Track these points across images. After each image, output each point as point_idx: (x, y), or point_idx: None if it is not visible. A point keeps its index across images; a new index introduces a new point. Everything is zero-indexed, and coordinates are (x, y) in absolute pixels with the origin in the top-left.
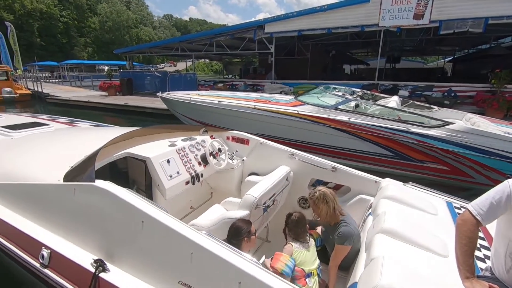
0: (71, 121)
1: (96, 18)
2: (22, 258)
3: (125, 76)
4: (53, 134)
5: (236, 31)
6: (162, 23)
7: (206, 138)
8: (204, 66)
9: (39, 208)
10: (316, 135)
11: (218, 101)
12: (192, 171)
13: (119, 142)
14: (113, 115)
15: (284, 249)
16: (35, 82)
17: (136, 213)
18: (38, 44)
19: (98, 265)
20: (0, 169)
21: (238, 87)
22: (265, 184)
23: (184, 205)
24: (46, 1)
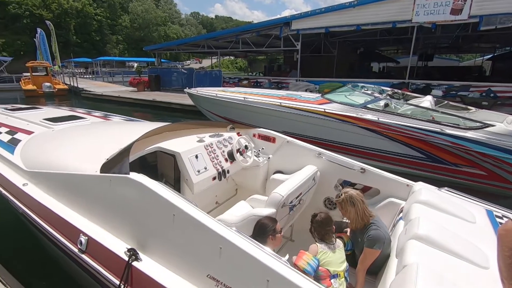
0: (105, 115)
1: (127, 16)
2: (62, 243)
3: (153, 72)
4: (90, 127)
5: (262, 28)
6: (189, 21)
7: (233, 135)
8: (228, 63)
9: (77, 196)
10: (343, 134)
11: (244, 97)
12: (219, 167)
13: (150, 136)
14: (141, 110)
15: (309, 249)
16: (71, 77)
17: (167, 206)
18: (74, 42)
19: (131, 254)
20: (43, 158)
21: (262, 84)
22: (292, 183)
23: (209, 200)
24: (82, 0)
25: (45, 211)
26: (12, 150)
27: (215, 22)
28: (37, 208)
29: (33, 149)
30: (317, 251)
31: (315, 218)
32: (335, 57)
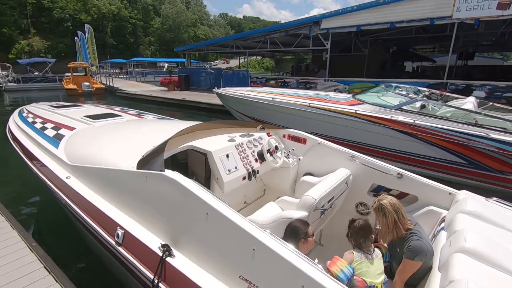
0: (139, 113)
1: (158, 19)
2: (100, 235)
3: (183, 72)
4: (126, 125)
5: (290, 27)
6: (218, 22)
7: (263, 135)
8: (255, 63)
9: (115, 190)
10: (375, 137)
11: (272, 98)
12: (249, 167)
13: (183, 135)
14: (171, 109)
15: (344, 255)
16: (107, 77)
17: (201, 204)
18: (110, 44)
19: (165, 249)
20: (84, 153)
21: (290, 84)
22: (324, 186)
23: (238, 199)
24: (117, 4)
25: (85, 203)
26: (56, 145)
27: (243, 22)
28: (78, 200)
29: (75, 144)
30: (353, 259)
31: (352, 224)
32: (365, 56)
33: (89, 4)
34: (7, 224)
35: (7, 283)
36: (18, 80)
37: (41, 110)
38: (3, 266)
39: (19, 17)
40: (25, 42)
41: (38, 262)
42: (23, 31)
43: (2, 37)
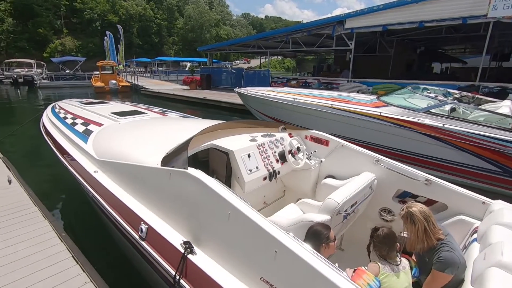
0: (162, 111)
1: (182, 19)
2: (125, 229)
3: (205, 72)
4: (150, 122)
5: (314, 27)
6: (240, 22)
7: (284, 136)
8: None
9: (140, 186)
10: (401, 141)
11: (294, 98)
12: (270, 168)
13: (205, 133)
14: (193, 108)
15: (369, 267)
16: (133, 76)
17: (223, 203)
18: (136, 43)
19: (186, 246)
20: (111, 149)
21: (311, 85)
22: (348, 190)
23: (258, 200)
24: (144, 5)
25: (111, 197)
26: (85, 140)
27: (264, 22)
28: (104, 194)
29: (103, 140)
30: (379, 272)
31: (376, 233)
32: (391, 57)
33: (117, 6)
34: (40, 214)
35: (38, 270)
36: (51, 78)
37: (71, 106)
38: (35, 254)
39: (53, 18)
40: (58, 42)
41: (67, 251)
42: (57, 31)
43: (38, 37)
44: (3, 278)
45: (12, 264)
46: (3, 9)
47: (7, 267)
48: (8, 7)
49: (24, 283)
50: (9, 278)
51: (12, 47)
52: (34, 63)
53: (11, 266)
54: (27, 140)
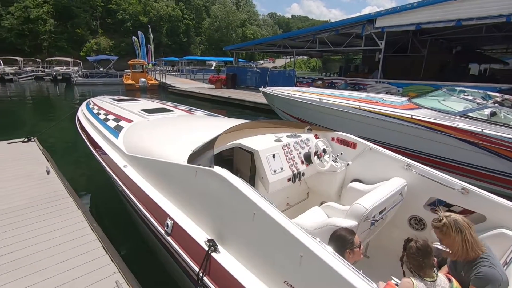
0: (189, 109)
1: (209, 19)
2: (152, 223)
3: (231, 71)
4: (177, 119)
5: (342, 26)
6: (266, 21)
7: (310, 137)
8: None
9: (167, 182)
10: (434, 145)
11: (319, 98)
12: (295, 169)
13: (231, 132)
14: (218, 106)
15: (402, 283)
16: (161, 74)
17: (248, 203)
18: (165, 43)
19: (210, 244)
20: (139, 144)
21: (337, 85)
22: (377, 195)
23: (281, 201)
24: (173, 6)
25: (139, 191)
26: (116, 135)
27: (291, 22)
28: (133, 188)
29: (132, 136)
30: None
31: (409, 244)
32: (424, 57)
33: (148, 7)
34: (74, 204)
35: (71, 257)
36: (86, 75)
37: (104, 103)
38: (68, 242)
39: (90, 19)
40: (94, 41)
41: (98, 241)
42: (93, 31)
43: (76, 37)
44: (39, 264)
45: (48, 251)
46: (46, 10)
47: (43, 253)
48: (50, 9)
49: (58, 269)
50: (44, 263)
51: (53, 46)
52: (71, 62)
53: (47, 252)
54: (65, 134)
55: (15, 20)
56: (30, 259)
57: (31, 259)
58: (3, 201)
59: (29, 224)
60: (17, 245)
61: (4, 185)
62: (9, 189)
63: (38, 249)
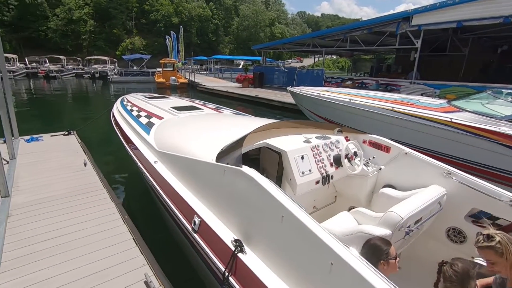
0: (217, 108)
1: (238, 18)
2: (179, 219)
3: (258, 70)
4: (206, 118)
5: (375, 24)
6: (295, 20)
7: (340, 139)
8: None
9: (195, 180)
10: (475, 152)
11: (350, 99)
12: (324, 171)
13: (259, 132)
14: (244, 105)
15: None
16: (190, 73)
17: (277, 206)
18: (195, 42)
19: (237, 245)
20: (169, 141)
21: (368, 85)
22: (413, 204)
23: (307, 203)
24: (203, 6)
25: (168, 187)
26: (148, 132)
27: (320, 20)
28: (162, 184)
29: (163, 133)
30: None
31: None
32: (464, 57)
33: (180, 8)
34: (107, 196)
35: (103, 248)
36: (121, 73)
37: (137, 100)
38: (101, 233)
39: (126, 20)
40: (129, 41)
41: (128, 233)
42: (128, 31)
43: (113, 37)
44: (72, 252)
45: (82, 239)
46: (86, 12)
47: (78, 242)
48: (90, 10)
49: (90, 258)
50: (78, 252)
51: (92, 46)
52: (108, 60)
53: (81, 241)
54: (101, 128)
55: (60, 22)
56: (65, 247)
57: (66, 247)
58: (46, 189)
59: (67, 213)
60: (55, 232)
61: (47, 174)
62: (51, 178)
63: (73, 237)
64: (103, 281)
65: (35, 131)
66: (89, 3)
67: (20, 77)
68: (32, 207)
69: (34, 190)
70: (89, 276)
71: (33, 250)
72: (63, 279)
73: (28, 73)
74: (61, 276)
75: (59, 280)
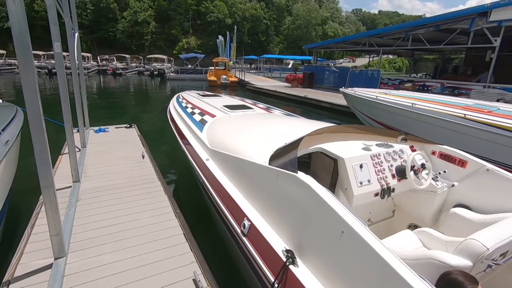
0: (267, 107)
1: (290, 18)
2: (229, 220)
3: (308, 70)
4: (257, 117)
5: (444, 21)
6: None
7: (404, 148)
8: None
9: (246, 181)
10: None
11: (412, 103)
12: (384, 183)
13: (312, 135)
14: (292, 105)
15: None
16: (241, 72)
17: (337, 220)
18: (245, 42)
19: (289, 256)
20: (221, 140)
21: (431, 88)
22: (502, 232)
23: (362, 215)
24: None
25: (219, 186)
26: (201, 129)
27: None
28: (213, 182)
29: (215, 131)
30: None
31: None
32: None
33: (234, 8)
34: (162, 189)
35: (155, 240)
36: (177, 71)
37: (191, 97)
38: (155, 224)
39: (183, 21)
40: (185, 41)
41: (179, 228)
42: (185, 32)
43: (171, 37)
44: (128, 241)
45: (136, 230)
46: (149, 14)
47: (132, 231)
48: (152, 12)
49: (142, 249)
50: (131, 241)
51: (153, 45)
52: (166, 59)
53: (135, 231)
54: (158, 123)
55: (127, 23)
56: (122, 235)
57: (122, 235)
58: (109, 177)
59: (125, 202)
60: (114, 220)
61: (111, 163)
62: (114, 167)
63: (129, 226)
64: (153, 273)
65: (102, 122)
66: (152, 6)
67: (92, 73)
68: (96, 193)
69: (99, 177)
70: (142, 267)
71: (95, 235)
72: (119, 266)
73: (99, 70)
74: (117, 263)
75: (115, 267)
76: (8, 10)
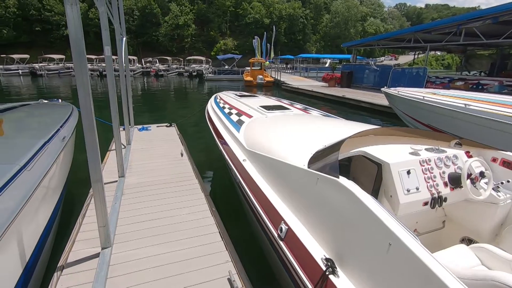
0: (304, 108)
1: (328, 16)
2: (265, 223)
3: (347, 69)
4: (295, 118)
5: (505, 12)
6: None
7: (459, 154)
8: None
9: (283, 184)
10: None
11: (465, 104)
12: (435, 192)
13: (354, 138)
14: (330, 105)
15: None
16: (276, 71)
17: (383, 231)
18: (282, 41)
19: (329, 265)
20: (258, 141)
21: (487, 87)
22: None
23: (407, 225)
24: (293, 5)
25: (256, 188)
26: (238, 129)
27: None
28: (249, 183)
29: (252, 131)
30: None
31: None
32: None
33: (271, 8)
34: (199, 186)
35: (192, 236)
36: (215, 72)
37: (228, 98)
38: (192, 221)
39: (221, 23)
40: (223, 42)
41: (215, 226)
42: (222, 33)
43: (209, 39)
44: (166, 236)
45: (175, 225)
46: (189, 18)
47: (171, 227)
48: (192, 16)
49: (178, 245)
50: (170, 237)
51: (192, 47)
52: (204, 60)
53: (174, 226)
54: (196, 122)
55: (169, 27)
56: (161, 230)
57: (161, 230)
58: (151, 174)
59: (164, 198)
60: (153, 215)
61: (152, 160)
62: (155, 164)
63: (168, 222)
64: (188, 270)
65: (145, 121)
66: (192, 10)
67: (137, 75)
68: (139, 189)
69: (142, 173)
70: (179, 263)
71: (137, 228)
72: (157, 260)
73: (143, 71)
74: (156, 257)
75: (154, 260)
76: (66, 18)
